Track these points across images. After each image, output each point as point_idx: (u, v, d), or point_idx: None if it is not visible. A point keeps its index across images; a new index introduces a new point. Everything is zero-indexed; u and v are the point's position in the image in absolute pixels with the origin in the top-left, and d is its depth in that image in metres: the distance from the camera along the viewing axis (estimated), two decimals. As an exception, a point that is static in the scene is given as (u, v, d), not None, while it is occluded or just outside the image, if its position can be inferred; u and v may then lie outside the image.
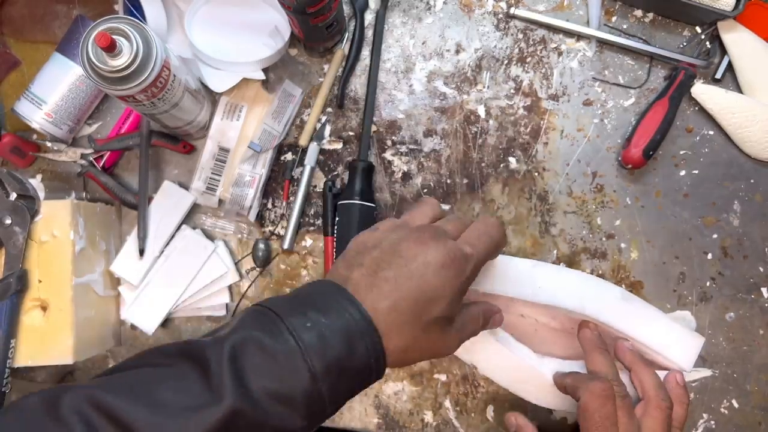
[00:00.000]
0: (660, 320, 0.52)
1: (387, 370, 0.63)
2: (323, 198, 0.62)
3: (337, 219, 0.61)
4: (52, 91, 0.58)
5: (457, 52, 0.64)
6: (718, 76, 0.63)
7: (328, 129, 0.64)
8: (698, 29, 0.64)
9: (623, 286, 0.63)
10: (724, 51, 0.63)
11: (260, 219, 0.64)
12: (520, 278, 0.51)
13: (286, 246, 0.62)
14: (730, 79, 0.63)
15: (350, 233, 0.60)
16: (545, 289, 0.51)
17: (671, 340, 0.52)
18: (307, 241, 0.63)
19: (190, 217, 0.63)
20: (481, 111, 0.64)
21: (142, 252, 0.60)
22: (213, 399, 0.33)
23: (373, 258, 0.41)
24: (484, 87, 0.64)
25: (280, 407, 0.35)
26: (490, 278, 0.51)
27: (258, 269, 0.63)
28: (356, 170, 0.61)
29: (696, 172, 0.63)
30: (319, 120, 0.64)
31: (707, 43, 0.63)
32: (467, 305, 0.46)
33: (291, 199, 0.63)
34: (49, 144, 0.61)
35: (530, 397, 0.55)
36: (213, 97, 0.62)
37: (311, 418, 0.37)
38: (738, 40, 0.62)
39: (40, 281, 0.54)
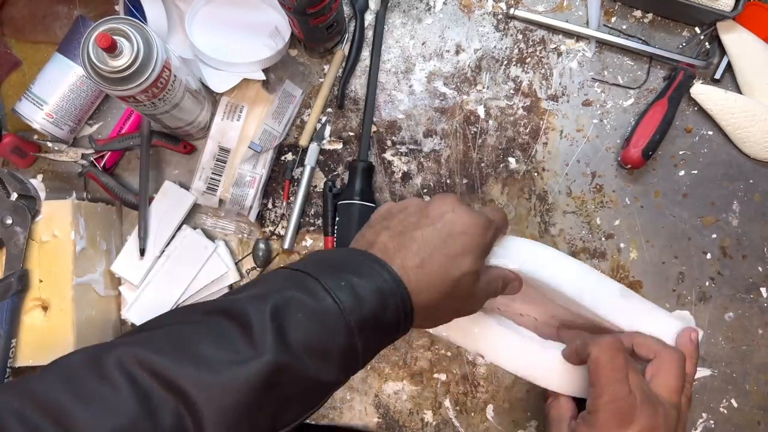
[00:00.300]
0: (658, 316, 0.52)
1: (387, 369, 0.63)
2: (323, 198, 0.63)
3: (337, 219, 0.61)
4: (53, 91, 0.58)
5: (457, 52, 0.64)
6: (717, 76, 0.63)
7: (328, 129, 0.64)
8: (697, 30, 0.64)
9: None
10: (723, 51, 0.63)
11: (260, 219, 0.64)
12: (524, 254, 0.51)
13: (286, 246, 0.62)
14: (730, 79, 0.64)
15: (350, 233, 0.60)
16: (547, 269, 0.51)
17: (670, 334, 0.51)
18: (308, 241, 0.64)
19: (190, 217, 0.63)
20: (481, 111, 0.64)
21: (142, 252, 0.60)
22: (256, 353, 0.34)
23: (400, 220, 0.44)
24: (483, 87, 0.64)
25: (318, 361, 0.36)
26: (494, 253, 0.51)
27: (258, 269, 0.63)
28: (356, 170, 0.61)
29: (695, 172, 0.63)
30: (319, 120, 0.64)
31: (706, 43, 0.64)
32: (488, 266, 0.48)
33: (291, 199, 0.63)
34: (49, 144, 0.61)
35: (538, 381, 0.54)
36: (213, 98, 0.63)
37: (346, 371, 0.39)
38: (737, 40, 0.62)
39: (41, 281, 0.55)
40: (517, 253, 0.51)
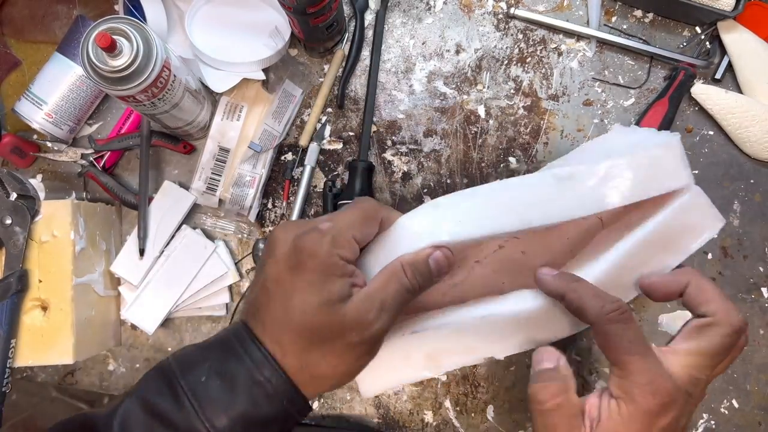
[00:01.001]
0: (613, 160, 0.40)
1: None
2: (323, 198, 0.63)
3: None
4: (53, 91, 0.58)
5: (457, 52, 0.64)
6: (717, 76, 0.63)
7: (328, 129, 0.64)
8: (698, 29, 0.64)
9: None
10: (723, 51, 0.63)
11: (260, 219, 0.64)
12: (425, 224, 0.39)
13: (286, 246, 0.62)
14: (730, 79, 0.63)
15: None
16: (472, 221, 0.39)
17: (645, 164, 0.39)
18: (307, 241, 0.63)
19: (190, 217, 0.63)
20: (481, 111, 0.64)
21: (142, 252, 0.60)
22: None
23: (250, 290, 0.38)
24: (484, 87, 0.64)
25: None
26: (388, 240, 0.39)
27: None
28: (356, 170, 0.61)
29: (696, 172, 0.63)
30: (319, 120, 0.64)
31: (707, 43, 0.63)
32: (370, 281, 0.38)
33: (291, 199, 0.63)
34: (49, 144, 0.61)
35: (550, 335, 0.42)
36: (213, 98, 0.62)
37: None
38: (738, 40, 0.62)
39: (40, 281, 0.54)
40: (415, 231, 0.39)
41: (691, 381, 0.37)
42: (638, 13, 0.64)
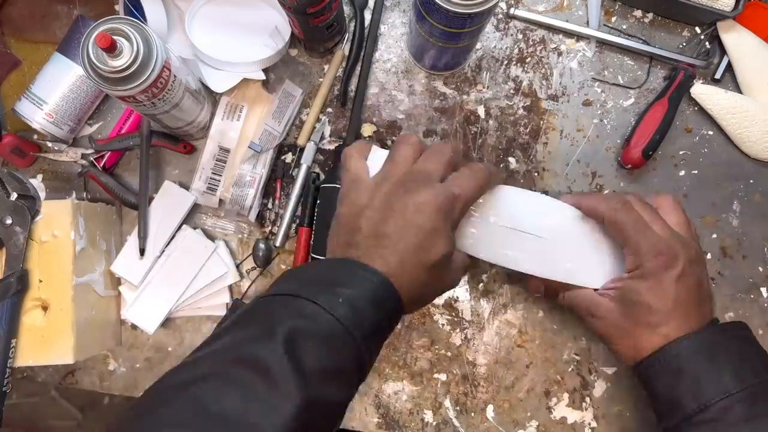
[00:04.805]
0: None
1: (387, 369, 0.63)
2: (305, 188, 0.62)
3: (318, 202, 0.60)
4: (53, 91, 0.58)
5: (457, 52, 0.64)
6: (717, 76, 0.63)
7: (328, 129, 0.64)
8: (698, 29, 0.64)
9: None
10: (723, 51, 0.63)
11: (260, 219, 0.64)
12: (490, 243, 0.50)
13: (278, 243, 0.62)
14: (730, 79, 0.64)
15: (331, 216, 0.59)
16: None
17: None
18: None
19: (190, 217, 0.63)
20: (481, 111, 0.64)
21: (142, 252, 0.60)
22: (284, 398, 0.33)
23: (368, 218, 0.43)
24: (483, 87, 0.64)
25: (334, 384, 0.36)
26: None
27: (258, 269, 0.63)
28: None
29: (695, 172, 0.63)
30: (318, 120, 0.64)
31: (707, 43, 0.64)
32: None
33: (283, 198, 0.63)
34: (49, 144, 0.61)
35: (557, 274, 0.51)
36: (213, 98, 0.62)
37: (357, 384, 0.39)
38: (737, 40, 0.62)
39: (40, 281, 0.54)
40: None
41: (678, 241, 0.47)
42: (638, 13, 0.64)
